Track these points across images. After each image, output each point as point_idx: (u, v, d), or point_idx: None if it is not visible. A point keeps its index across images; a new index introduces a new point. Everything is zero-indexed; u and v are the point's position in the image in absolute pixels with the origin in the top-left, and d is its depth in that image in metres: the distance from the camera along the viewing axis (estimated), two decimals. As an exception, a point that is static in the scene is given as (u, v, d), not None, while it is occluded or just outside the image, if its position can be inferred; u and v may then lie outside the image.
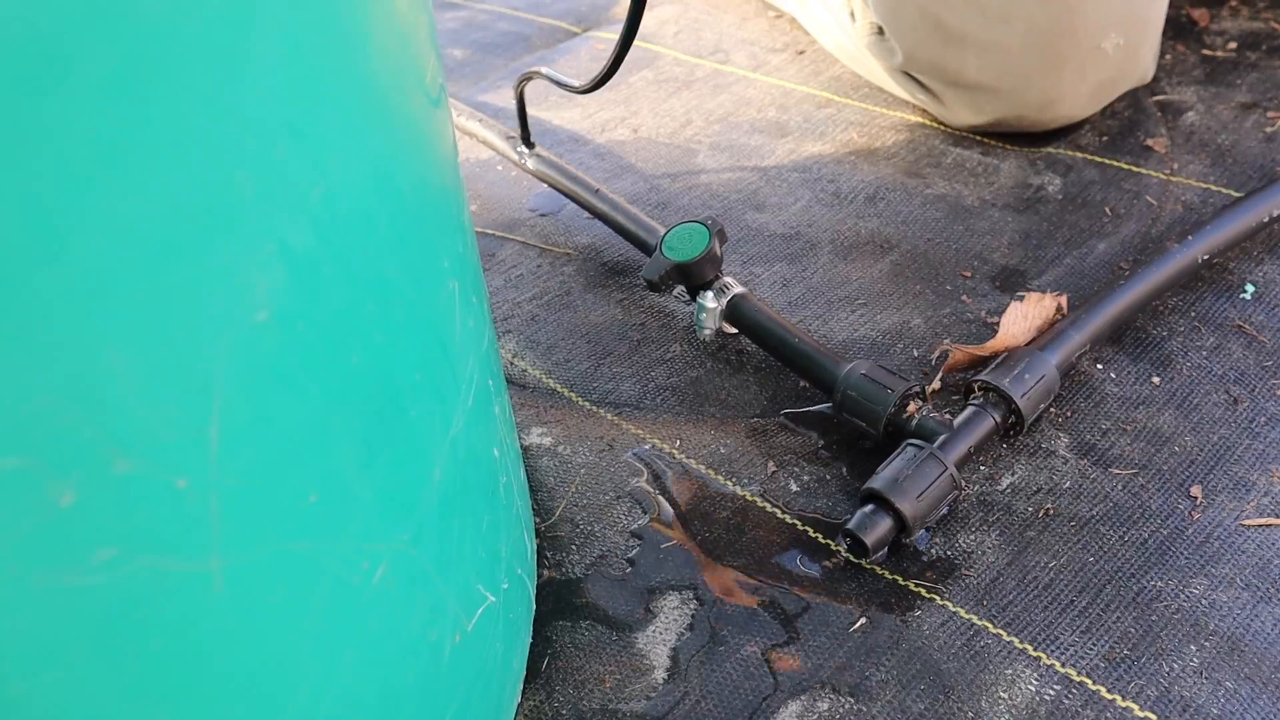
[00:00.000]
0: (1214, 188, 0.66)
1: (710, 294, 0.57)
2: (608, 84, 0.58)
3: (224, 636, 0.23)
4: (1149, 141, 0.71)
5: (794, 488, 0.50)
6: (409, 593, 0.30)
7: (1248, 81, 0.76)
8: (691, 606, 0.46)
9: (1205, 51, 0.80)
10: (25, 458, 0.17)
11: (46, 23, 0.16)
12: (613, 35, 0.97)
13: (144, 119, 0.18)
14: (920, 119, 0.77)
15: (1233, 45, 0.80)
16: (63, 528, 0.18)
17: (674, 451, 0.53)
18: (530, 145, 0.72)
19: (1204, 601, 0.43)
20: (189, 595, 0.21)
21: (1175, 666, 0.41)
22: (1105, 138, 0.72)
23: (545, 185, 0.73)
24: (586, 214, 0.69)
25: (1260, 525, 0.45)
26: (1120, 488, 0.48)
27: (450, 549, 0.33)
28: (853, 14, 0.75)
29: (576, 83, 0.59)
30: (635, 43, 0.55)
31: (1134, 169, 0.69)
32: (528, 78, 0.66)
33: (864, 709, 0.41)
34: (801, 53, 0.88)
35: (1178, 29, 0.83)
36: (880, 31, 0.73)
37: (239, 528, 0.22)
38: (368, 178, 0.25)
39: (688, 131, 0.80)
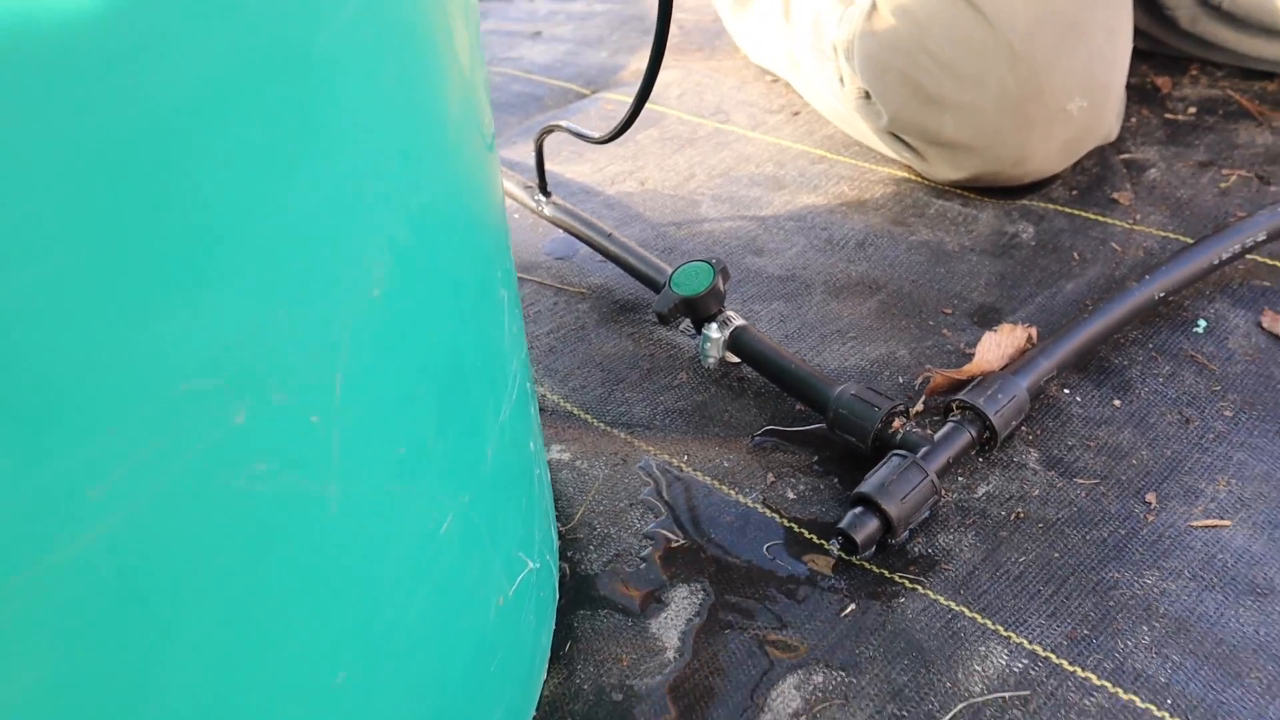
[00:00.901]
0: (1172, 235, 0.72)
1: (715, 326, 0.63)
2: (617, 140, 0.65)
3: (334, 552, 0.28)
4: (1115, 195, 0.77)
5: (791, 495, 0.56)
6: (466, 550, 0.35)
7: (1205, 142, 0.83)
8: (699, 597, 0.51)
9: (1168, 115, 0.87)
10: (220, 380, 0.22)
11: (293, 92, 0.22)
12: (620, 97, 1.04)
13: (311, 141, 0.24)
14: (905, 174, 0.84)
15: (1192, 110, 0.87)
16: (236, 440, 0.23)
17: (682, 465, 0.59)
18: (547, 194, 0.79)
19: (1155, 590, 0.48)
20: (312, 512, 0.27)
21: (1129, 644, 0.46)
22: (1075, 191, 0.79)
23: (560, 231, 0.80)
24: (599, 257, 0.75)
25: (1206, 526, 0.51)
26: (1083, 495, 0.53)
27: (498, 518, 0.38)
28: (842, 80, 0.83)
29: (595, 134, 0.65)
30: (649, 100, 0.61)
31: (1100, 219, 0.75)
32: (549, 130, 0.73)
33: (853, 680, 0.46)
34: (796, 114, 0.95)
35: (1143, 95, 0.91)
36: (867, 96, 0.80)
37: (350, 462, 0.27)
38: (448, 195, 0.31)
39: (691, 184, 0.87)
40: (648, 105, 0.99)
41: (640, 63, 1.14)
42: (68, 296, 0.19)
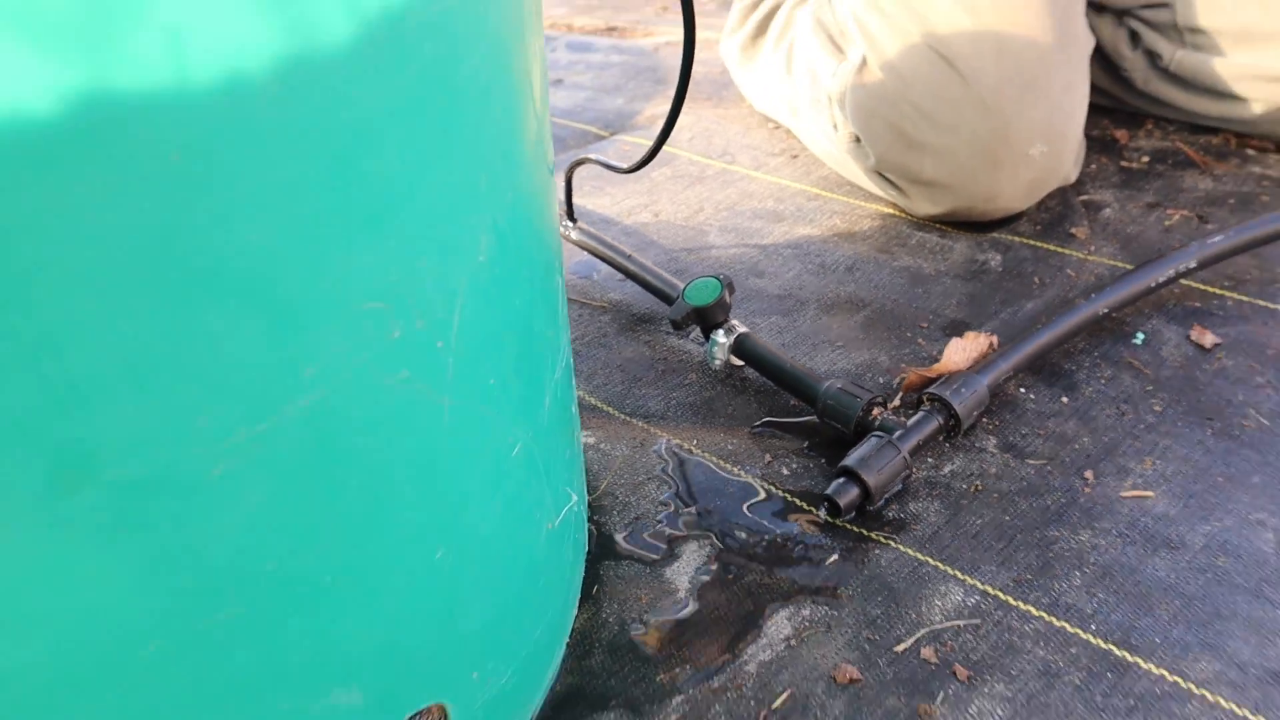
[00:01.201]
0: (1120, 264, 0.83)
1: (721, 332, 0.73)
2: (635, 176, 0.75)
3: (443, 452, 0.38)
4: (1073, 230, 0.88)
5: (785, 472, 0.65)
6: (527, 474, 0.45)
7: (1154, 186, 0.93)
8: (706, 550, 0.60)
9: (1124, 163, 0.98)
10: (386, 304, 0.32)
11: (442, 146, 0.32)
12: (635, 139, 1.15)
13: (453, 144, 0.34)
14: (890, 210, 0.94)
15: (1145, 159, 0.98)
16: (392, 350, 0.33)
17: (691, 448, 0.68)
18: (574, 220, 0.89)
19: (1088, 545, 0.58)
20: (432, 416, 0.36)
21: (1064, 586, 0.55)
22: (1039, 226, 0.89)
23: (584, 254, 0.90)
24: (618, 277, 0.86)
25: (1133, 496, 0.60)
26: (1033, 472, 0.63)
27: (551, 456, 0.48)
28: (835, 126, 0.93)
29: (622, 165, 0.76)
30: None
31: (1059, 250, 0.86)
32: (579, 163, 0.84)
33: (835, 613, 0.55)
34: (795, 157, 1.06)
35: (1104, 145, 1.02)
36: (857, 140, 0.91)
37: (459, 382, 0.37)
38: (528, 197, 0.42)
39: (700, 217, 0.97)
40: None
41: (653, 109, 1.25)
42: (311, 234, 0.29)
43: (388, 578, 0.37)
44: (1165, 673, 0.50)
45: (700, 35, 1.46)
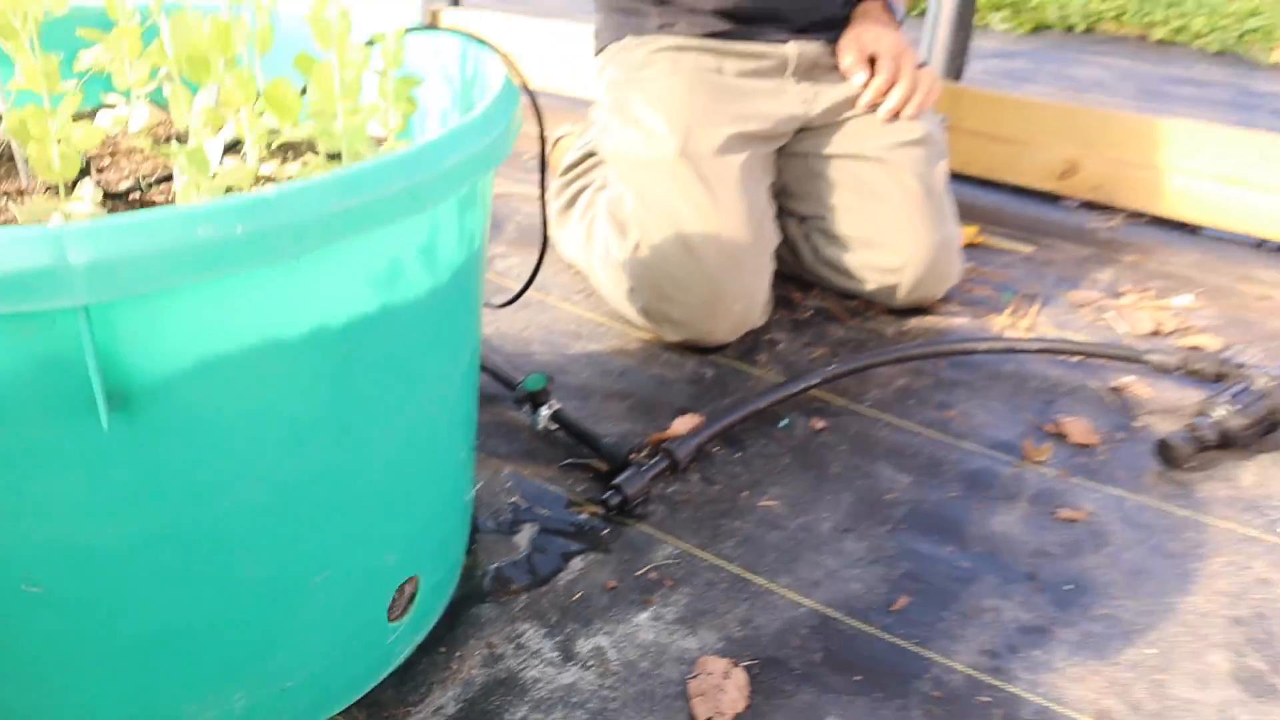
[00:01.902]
0: (780, 378, 1.38)
1: (544, 408, 1.22)
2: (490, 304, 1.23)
3: (424, 480, 0.84)
4: (757, 357, 1.43)
5: (580, 488, 1.14)
6: (469, 460, 0.91)
7: (811, 331, 1.50)
8: (535, 528, 1.07)
9: (794, 316, 1.55)
10: (441, 369, 0.80)
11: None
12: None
13: (450, 329, 0.82)
14: (649, 337, 1.46)
15: (809, 313, 1.55)
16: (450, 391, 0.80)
17: (525, 473, 1.16)
18: (447, 332, 1.36)
19: (740, 528, 1.09)
20: (454, 439, 0.83)
21: (724, 545, 1.06)
22: (737, 353, 1.43)
23: (451, 353, 1.37)
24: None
25: (766, 505, 1.13)
26: (715, 492, 1.15)
27: (466, 471, 0.94)
28: (618, 281, 1.45)
29: (495, 301, 1.24)
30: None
31: (747, 369, 1.40)
32: (457, 298, 1.31)
33: (606, 556, 1.04)
34: (590, 295, 1.57)
35: (784, 301, 1.58)
36: (632, 291, 1.43)
37: (467, 417, 0.84)
38: (469, 353, 0.89)
39: (527, 333, 1.46)
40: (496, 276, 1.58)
41: (490, 250, 1.74)
42: (419, 365, 0.76)
43: (411, 516, 0.83)
44: (773, 586, 1.01)
45: (528, 191, 1.97)
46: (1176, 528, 1.11)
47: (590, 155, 1.63)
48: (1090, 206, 1.99)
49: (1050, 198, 2.03)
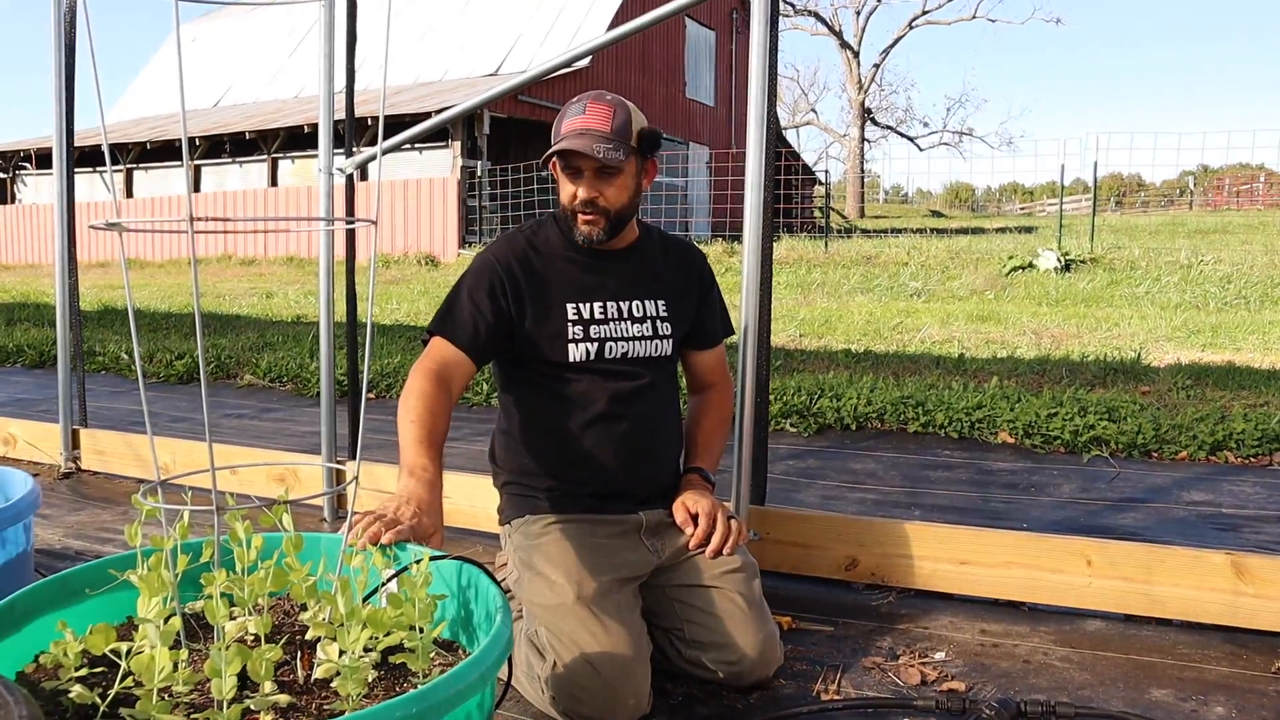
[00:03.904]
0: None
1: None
2: None
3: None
4: (650, 737, 1.97)
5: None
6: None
7: (685, 711, 2.06)
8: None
9: (669, 701, 2.11)
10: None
11: None
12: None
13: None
14: (569, 732, 1.99)
15: (680, 698, 2.12)
16: None
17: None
18: None
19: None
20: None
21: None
22: (635, 737, 1.98)
23: None
24: None
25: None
26: None
27: None
28: (541, 691, 2.00)
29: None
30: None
31: (644, 748, 1.94)
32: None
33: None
34: (519, 700, 2.10)
35: (661, 690, 2.15)
36: (553, 697, 1.97)
37: None
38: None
39: None
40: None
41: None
42: None
43: None
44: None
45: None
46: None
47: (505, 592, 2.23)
48: (871, 588, 2.70)
49: (842, 584, 2.72)
